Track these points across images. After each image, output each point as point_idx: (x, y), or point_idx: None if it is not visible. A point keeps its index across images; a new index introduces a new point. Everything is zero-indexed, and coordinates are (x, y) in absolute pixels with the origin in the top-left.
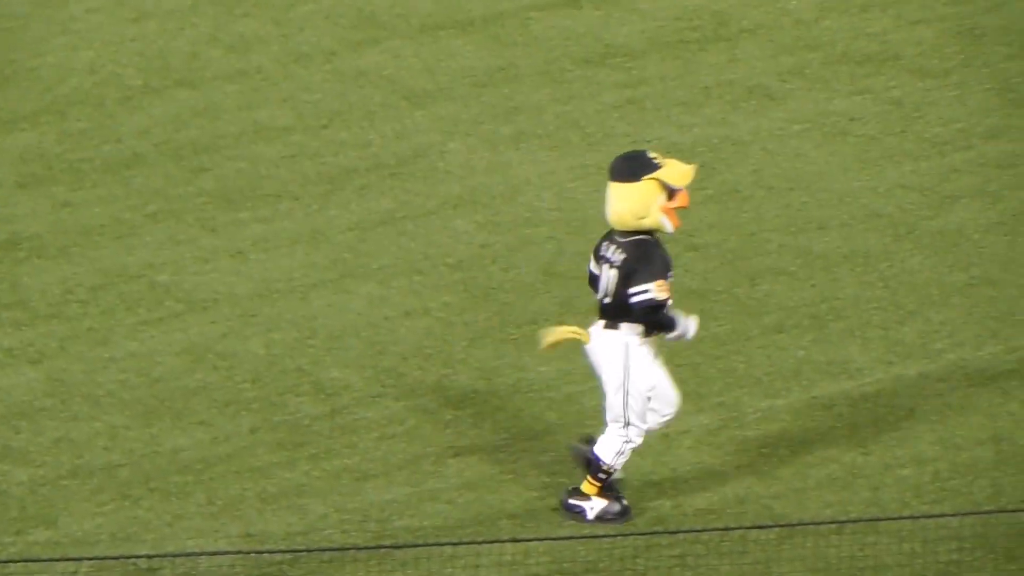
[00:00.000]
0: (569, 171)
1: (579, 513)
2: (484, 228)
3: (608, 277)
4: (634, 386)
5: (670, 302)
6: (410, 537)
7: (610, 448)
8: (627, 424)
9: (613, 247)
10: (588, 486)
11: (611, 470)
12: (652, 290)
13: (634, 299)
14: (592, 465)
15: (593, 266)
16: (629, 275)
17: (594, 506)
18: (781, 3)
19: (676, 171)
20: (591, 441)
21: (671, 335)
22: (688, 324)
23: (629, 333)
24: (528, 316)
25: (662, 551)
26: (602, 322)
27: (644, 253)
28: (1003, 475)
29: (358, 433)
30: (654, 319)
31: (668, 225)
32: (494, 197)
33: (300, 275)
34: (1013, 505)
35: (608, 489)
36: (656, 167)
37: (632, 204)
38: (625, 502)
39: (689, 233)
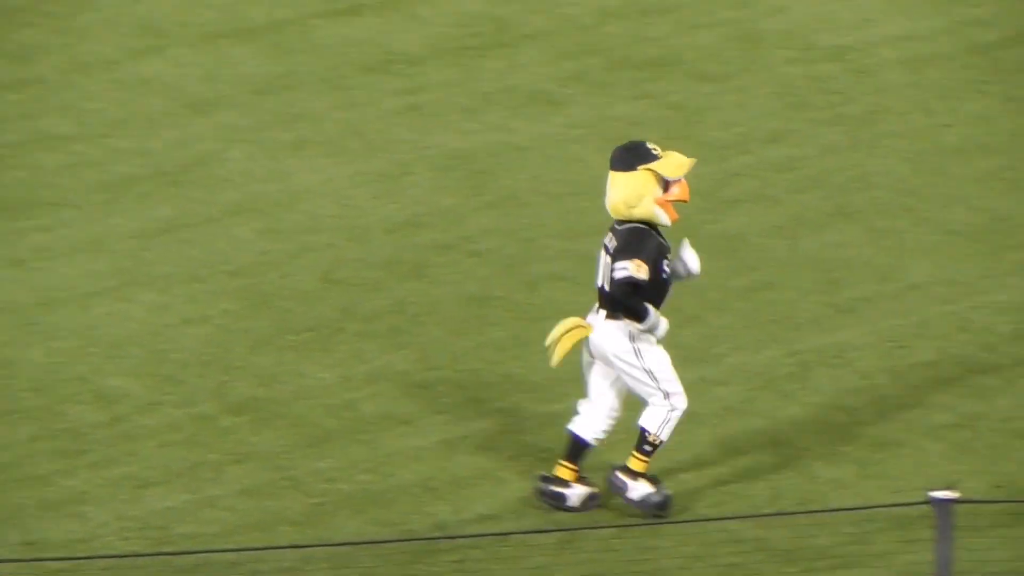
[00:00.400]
0: (349, 178)
1: (621, 488)
2: (264, 235)
3: (604, 264)
4: (651, 358)
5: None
6: (190, 544)
7: (655, 417)
8: (667, 395)
9: (610, 235)
10: (636, 462)
11: (657, 441)
12: (630, 267)
13: (614, 275)
14: (639, 438)
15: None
16: (616, 257)
17: (638, 488)
18: (562, 9)
19: (671, 162)
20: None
21: (641, 325)
22: (660, 321)
23: (637, 328)
24: (308, 323)
25: (441, 556)
26: (603, 312)
27: (636, 238)
28: (782, 478)
29: (138, 441)
30: (629, 302)
31: (664, 217)
32: (274, 204)
33: (81, 283)
34: (792, 508)
35: (654, 478)
36: (653, 158)
37: (625, 193)
38: (667, 492)
39: (469, 239)
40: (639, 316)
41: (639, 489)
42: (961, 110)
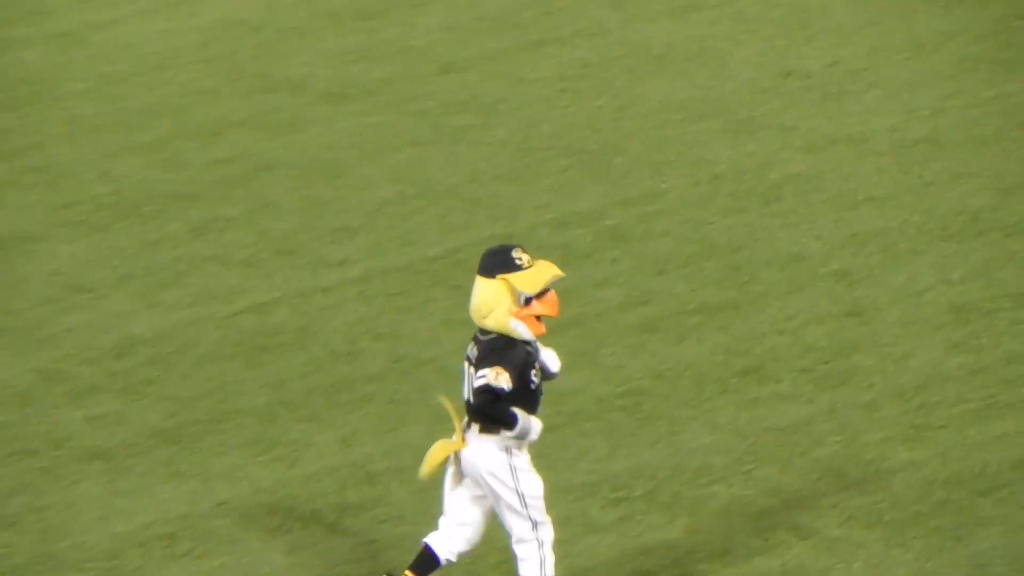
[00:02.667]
0: None
1: None
2: None
3: (469, 377)
4: (525, 481)
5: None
6: None
7: (532, 567)
8: (535, 526)
9: (473, 345)
10: None
11: None
12: (489, 375)
13: (475, 383)
14: None
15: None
16: (478, 366)
17: None
18: None
19: (530, 276)
20: None
21: (511, 433)
22: (532, 424)
23: (507, 436)
24: None
25: None
26: (476, 426)
27: (498, 346)
28: None
29: None
30: (491, 411)
31: (524, 331)
32: None
33: None
34: None
35: None
36: (515, 267)
37: (479, 300)
38: None
39: None
40: (507, 424)
41: None
42: None
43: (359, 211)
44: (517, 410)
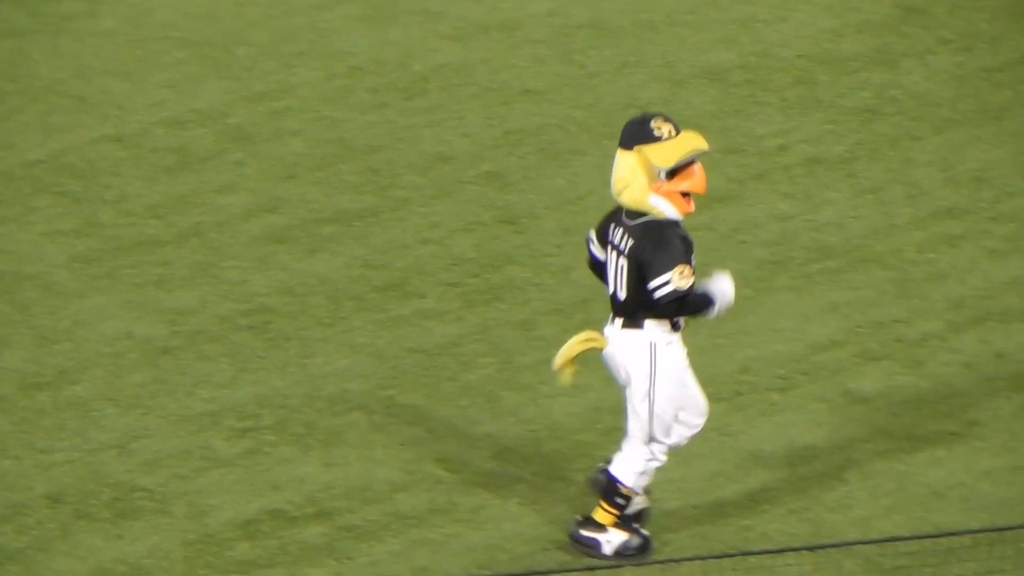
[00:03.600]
0: None
1: (594, 547)
2: None
3: (618, 268)
4: (661, 393)
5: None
6: None
7: (630, 467)
8: (651, 439)
9: (620, 231)
10: (603, 514)
11: (631, 494)
12: (673, 281)
13: (657, 294)
14: (608, 489)
15: (597, 251)
16: (643, 266)
17: (611, 539)
18: None
19: (665, 149)
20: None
21: (712, 315)
22: (723, 286)
23: (655, 331)
24: None
25: None
26: (619, 320)
27: (657, 237)
28: None
29: None
30: (686, 312)
31: (668, 209)
32: None
33: None
34: None
35: (625, 520)
36: (651, 139)
37: (616, 174)
38: (645, 533)
39: None
40: (703, 311)
41: (613, 540)
42: None
43: None
44: (707, 287)
